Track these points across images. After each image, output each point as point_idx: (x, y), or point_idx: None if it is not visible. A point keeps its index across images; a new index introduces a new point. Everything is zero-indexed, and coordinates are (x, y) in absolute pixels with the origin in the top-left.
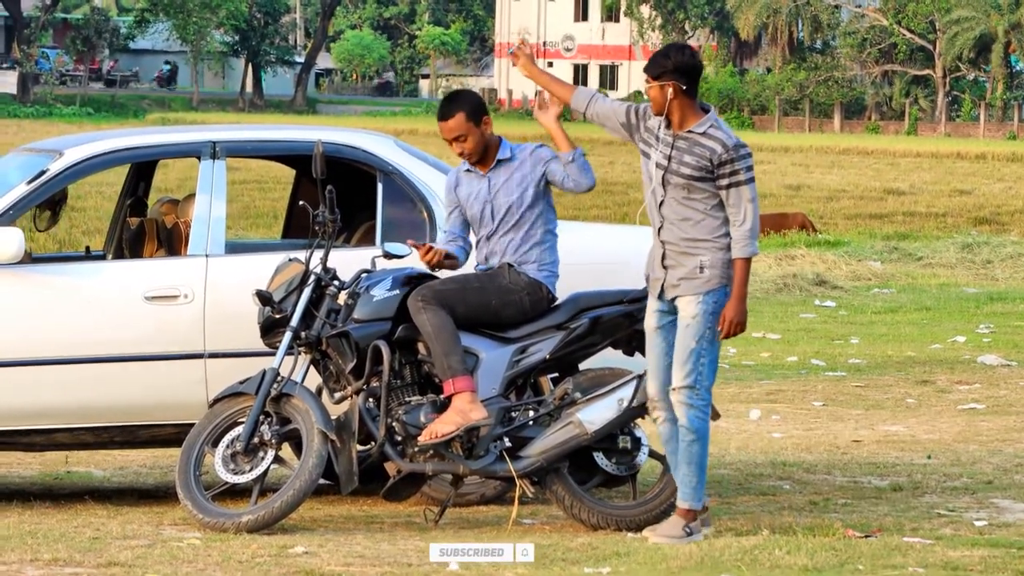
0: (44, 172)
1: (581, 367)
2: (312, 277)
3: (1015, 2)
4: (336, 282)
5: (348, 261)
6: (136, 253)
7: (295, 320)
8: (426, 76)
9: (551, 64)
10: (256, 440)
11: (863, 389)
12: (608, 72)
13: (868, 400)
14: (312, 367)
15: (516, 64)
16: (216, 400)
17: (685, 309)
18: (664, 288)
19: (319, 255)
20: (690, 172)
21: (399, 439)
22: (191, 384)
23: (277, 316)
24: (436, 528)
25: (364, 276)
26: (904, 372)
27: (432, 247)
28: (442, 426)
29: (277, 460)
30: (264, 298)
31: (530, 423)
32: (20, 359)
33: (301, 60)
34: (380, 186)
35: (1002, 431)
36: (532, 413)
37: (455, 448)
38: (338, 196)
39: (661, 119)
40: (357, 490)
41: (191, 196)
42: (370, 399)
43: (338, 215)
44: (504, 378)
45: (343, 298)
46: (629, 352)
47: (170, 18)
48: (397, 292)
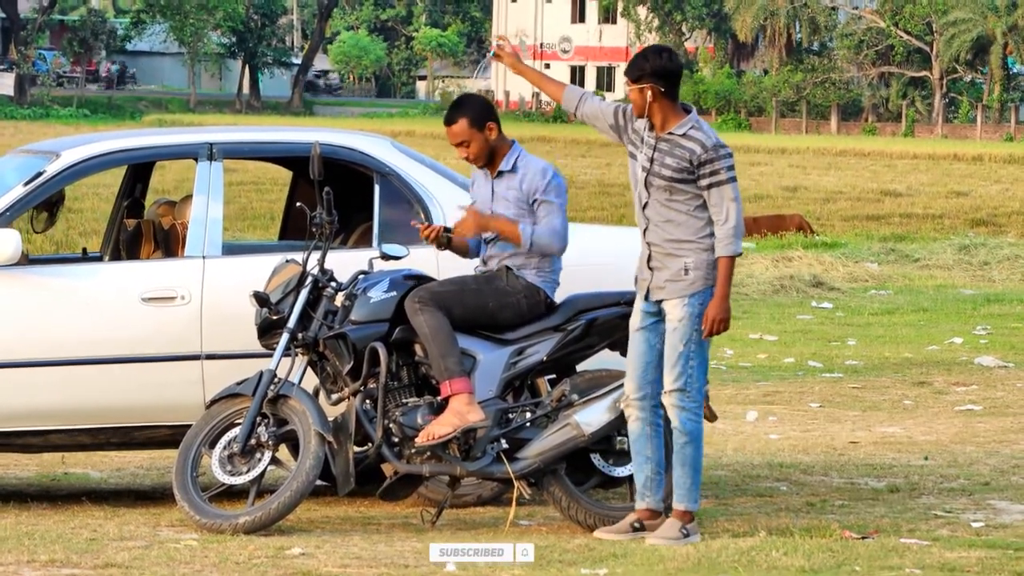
0: (41, 174)
1: (578, 369)
2: (309, 278)
3: (1012, 4)
4: (333, 283)
5: (345, 262)
6: (133, 254)
7: (292, 321)
8: (423, 78)
9: (548, 66)
10: (253, 441)
11: (860, 390)
12: (605, 74)
13: (865, 401)
14: (309, 368)
15: (503, 62)
16: (213, 401)
17: (671, 312)
18: (650, 290)
19: (316, 256)
20: (671, 174)
21: (396, 440)
22: (188, 385)
23: (274, 317)
24: (433, 529)
25: (361, 277)
26: (901, 373)
27: (430, 224)
28: (439, 428)
29: (274, 461)
30: (261, 299)
31: (527, 425)
32: (17, 360)
33: (298, 62)
34: (377, 187)
35: (999, 432)
36: (529, 415)
37: (452, 450)
38: (335, 197)
39: (645, 121)
40: (354, 491)
41: (188, 197)
42: (367, 400)
43: (335, 216)
44: (501, 380)
45: (340, 299)
46: (626, 354)
47: (167, 20)
48: (394, 294)
